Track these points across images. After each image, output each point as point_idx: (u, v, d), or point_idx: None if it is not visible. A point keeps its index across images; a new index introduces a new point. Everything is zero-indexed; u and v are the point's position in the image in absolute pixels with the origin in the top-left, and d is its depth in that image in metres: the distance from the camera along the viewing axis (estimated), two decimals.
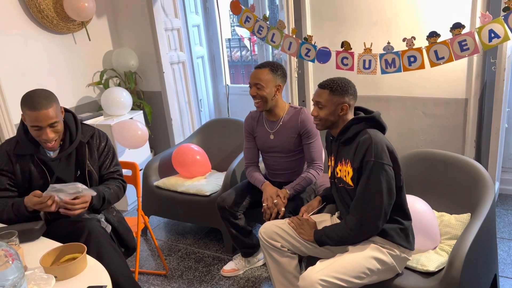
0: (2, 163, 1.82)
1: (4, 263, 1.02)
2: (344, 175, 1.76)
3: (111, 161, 2.02)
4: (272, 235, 1.95)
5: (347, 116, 1.79)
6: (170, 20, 3.73)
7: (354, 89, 1.80)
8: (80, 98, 3.55)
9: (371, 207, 1.66)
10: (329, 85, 1.78)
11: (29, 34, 3.10)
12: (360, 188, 1.68)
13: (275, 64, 2.29)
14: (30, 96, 1.71)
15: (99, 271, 1.40)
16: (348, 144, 1.76)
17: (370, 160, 1.64)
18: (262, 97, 2.25)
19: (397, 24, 2.66)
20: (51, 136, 1.75)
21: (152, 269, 2.65)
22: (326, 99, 1.77)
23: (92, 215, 1.89)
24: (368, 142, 1.66)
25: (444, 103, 2.66)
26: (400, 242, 1.71)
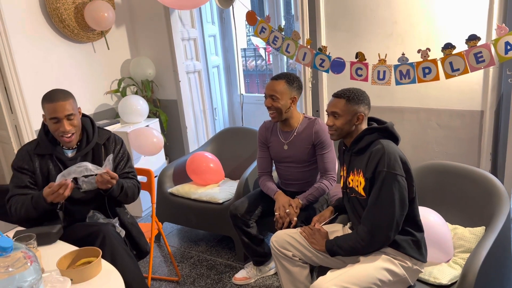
0: (24, 162, 1.90)
1: (23, 264, 1.05)
2: (356, 185, 1.76)
3: (126, 163, 2.08)
4: (284, 244, 1.96)
5: (361, 126, 1.80)
6: (187, 30, 3.79)
7: (368, 99, 1.82)
8: (98, 106, 3.62)
9: (383, 217, 1.65)
10: (345, 94, 1.79)
11: (50, 43, 3.20)
12: (372, 199, 1.68)
13: (291, 76, 2.30)
14: (49, 92, 1.86)
15: (113, 276, 1.43)
16: (361, 154, 1.76)
17: (382, 170, 1.64)
18: (276, 108, 2.27)
19: (412, 36, 2.66)
20: (68, 129, 1.84)
21: (165, 275, 2.67)
22: (342, 109, 1.78)
23: (107, 220, 1.93)
24: (381, 152, 1.66)
25: (459, 115, 2.64)
26: (412, 254, 1.70)
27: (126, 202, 2.05)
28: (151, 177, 2.36)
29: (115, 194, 1.92)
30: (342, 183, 1.91)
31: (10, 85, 2.93)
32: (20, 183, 1.87)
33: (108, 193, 1.88)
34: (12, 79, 2.93)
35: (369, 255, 1.74)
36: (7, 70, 2.90)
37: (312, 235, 1.92)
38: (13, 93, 2.95)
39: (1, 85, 2.97)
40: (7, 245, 1.03)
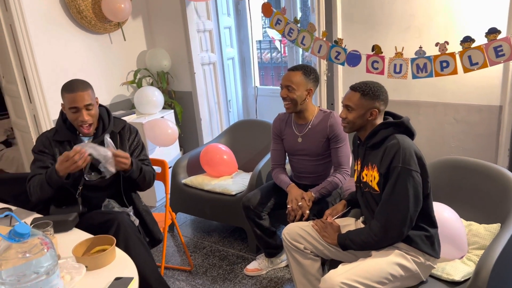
0: (45, 146, 1.97)
1: (39, 250, 1.08)
2: (370, 180, 1.75)
3: (140, 151, 2.12)
4: (295, 237, 1.96)
5: (376, 121, 1.77)
6: (202, 21, 3.80)
7: (386, 95, 1.78)
8: (115, 96, 3.67)
9: (396, 213, 1.64)
10: (361, 88, 1.76)
11: (68, 34, 3.24)
12: (386, 194, 1.67)
13: (308, 68, 2.29)
14: (69, 82, 1.91)
15: (127, 264, 1.46)
16: (376, 149, 1.75)
17: (397, 166, 1.62)
18: (292, 99, 2.26)
19: (430, 29, 2.61)
20: (87, 118, 1.89)
21: (178, 264, 2.71)
22: (356, 103, 1.76)
23: (122, 209, 1.97)
24: (396, 147, 1.64)
25: (477, 110, 2.60)
26: (425, 250, 1.69)
27: (143, 187, 2.08)
28: (165, 167, 2.39)
29: (134, 176, 1.95)
30: (356, 177, 1.90)
31: (29, 76, 2.99)
32: (42, 164, 1.93)
33: (128, 174, 1.92)
34: (31, 70, 2.99)
35: (381, 250, 1.73)
36: (26, 61, 2.95)
37: (324, 229, 1.92)
38: (32, 83, 3.01)
39: (21, 75, 3.03)
40: (24, 232, 1.06)
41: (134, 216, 1.97)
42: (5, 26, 2.94)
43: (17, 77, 3.04)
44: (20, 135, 3.44)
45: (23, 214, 1.89)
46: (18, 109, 3.27)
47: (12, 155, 4.14)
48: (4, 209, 1.92)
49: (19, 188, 2.15)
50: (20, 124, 3.32)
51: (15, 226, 1.07)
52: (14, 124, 3.48)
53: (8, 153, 4.21)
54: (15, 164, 4.08)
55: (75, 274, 1.35)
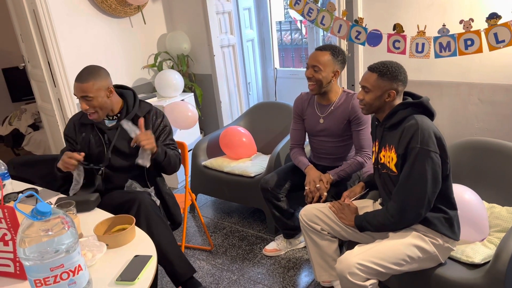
0: (69, 132, 2.08)
1: (60, 229, 1.12)
2: (388, 161, 1.73)
3: (167, 136, 2.13)
4: (313, 218, 1.97)
5: (394, 102, 1.73)
6: (221, 3, 3.77)
7: (405, 75, 1.74)
8: (136, 80, 3.71)
9: (414, 194, 1.62)
10: (378, 68, 1.72)
11: (90, 19, 3.28)
12: (404, 175, 1.64)
13: (337, 48, 2.24)
14: (82, 70, 1.94)
15: (146, 242, 1.50)
16: (393, 130, 1.72)
17: (415, 146, 1.60)
18: (317, 80, 2.22)
19: (454, 6, 2.52)
20: (84, 108, 1.94)
21: (198, 244, 2.77)
22: (373, 84, 1.72)
23: (143, 189, 2.02)
24: (414, 128, 1.61)
25: (504, 90, 2.51)
26: (443, 232, 1.67)
27: (168, 171, 2.11)
28: (184, 150, 2.42)
29: (160, 159, 1.99)
30: (373, 158, 1.88)
31: (53, 60, 3.05)
32: (64, 150, 2.06)
33: (154, 157, 1.95)
34: (54, 54, 3.05)
35: (398, 232, 1.72)
36: (49, 45, 3.01)
37: (342, 210, 1.92)
38: (56, 67, 3.08)
39: (45, 60, 3.10)
40: (46, 210, 1.10)
41: (155, 197, 2.01)
42: (28, 12, 3.00)
43: (41, 62, 3.11)
44: (46, 119, 3.54)
45: (48, 195, 1.96)
46: (43, 93, 3.36)
47: (39, 138, 4.28)
48: (30, 189, 2.00)
49: (45, 169, 2.24)
50: (45, 108, 3.41)
51: (37, 205, 1.11)
52: (40, 108, 3.58)
53: (35, 136, 4.35)
54: (42, 147, 4.22)
55: (96, 252, 1.40)
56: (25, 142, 4.41)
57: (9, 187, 2.01)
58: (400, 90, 1.73)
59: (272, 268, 2.44)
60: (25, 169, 2.49)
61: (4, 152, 4.76)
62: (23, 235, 1.09)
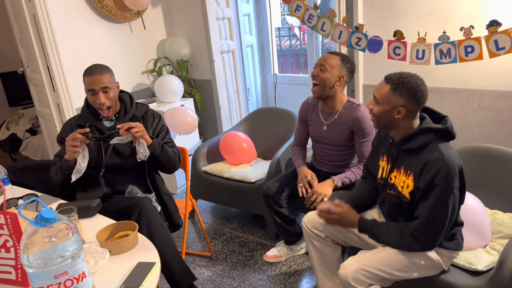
0: (65, 134, 2.01)
1: (65, 235, 1.11)
2: (401, 186, 1.64)
3: (165, 135, 2.16)
4: (317, 225, 1.95)
5: (405, 120, 1.60)
6: (221, 9, 3.78)
7: (423, 95, 1.57)
8: (135, 85, 3.71)
9: (436, 232, 1.56)
10: (394, 80, 1.57)
11: (89, 23, 3.28)
12: (426, 212, 1.55)
13: (347, 57, 2.28)
14: (89, 67, 2.00)
15: (149, 249, 1.49)
16: (413, 155, 1.60)
17: (440, 183, 1.50)
18: (321, 79, 2.23)
19: (454, 13, 2.54)
20: (103, 101, 1.94)
21: (198, 250, 2.75)
22: (383, 96, 1.59)
23: (144, 195, 2.01)
24: (439, 163, 1.50)
25: (503, 96, 2.52)
26: (447, 247, 1.66)
27: (168, 168, 2.11)
28: (185, 155, 2.41)
29: (157, 152, 1.98)
30: (380, 173, 1.78)
31: (52, 65, 3.04)
32: (61, 153, 2.01)
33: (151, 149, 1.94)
34: (54, 59, 3.04)
35: None
36: (49, 50, 3.00)
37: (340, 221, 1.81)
38: (55, 72, 3.06)
39: (44, 65, 3.09)
40: (50, 216, 1.09)
41: (156, 202, 2.00)
42: (28, 16, 2.99)
43: (40, 66, 3.10)
44: (45, 124, 3.52)
45: (48, 200, 1.94)
46: (42, 98, 3.34)
47: (37, 143, 4.25)
48: (31, 195, 1.98)
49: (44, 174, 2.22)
50: (44, 112, 3.39)
51: (41, 211, 1.10)
52: (39, 112, 3.57)
53: (33, 141, 4.32)
54: (40, 152, 4.19)
55: (99, 259, 1.39)
56: (23, 147, 4.38)
57: (9, 192, 1.99)
58: (413, 109, 1.58)
59: (273, 275, 2.43)
60: (24, 174, 2.47)
61: (1, 157, 4.73)
62: (27, 242, 1.08)
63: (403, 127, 1.62)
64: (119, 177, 2.02)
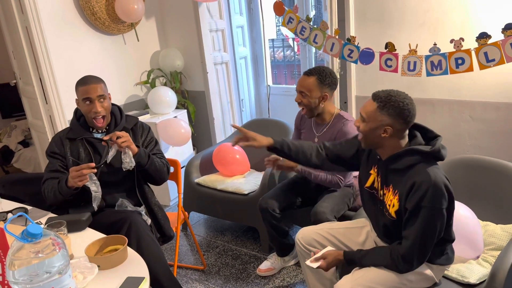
0: (55, 148, 2.02)
1: (51, 251, 1.09)
2: (388, 204, 1.62)
3: (154, 146, 2.17)
4: (311, 242, 1.91)
5: (393, 139, 1.56)
6: (214, 21, 3.80)
7: (411, 114, 1.53)
8: (129, 96, 3.70)
9: (425, 252, 1.56)
10: (381, 99, 1.53)
11: (83, 35, 3.28)
12: (415, 234, 1.52)
13: (324, 72, 2.22)
14: (83, 77, 2.01)
15: (138, 263, 1.47)
16: (399, 175, 1.57)
17: (428, 206, 1.48)
18: (306, 105, 2.25)
19: (445, 25, 2.56)
20: (100, 110, 1.95)
21: (191, 263, 2.72)
22: (369, 114, 1.55)
23: (134, 208, 1.99)
24: (427, 185, 1.47)
25: (494, 107, 2.54)
26: (438, 262, 1.65)
27: (156, 178, 2.10)
28: (177, 167, 2.40)
29: (143, 162, 1.98)
30: (370, 183, 1.74)
31: (44, 77, 3.03)
32: (52, 167, 1.99)
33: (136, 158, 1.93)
34: (46, 71, 3.03)
35: None
36: (42, 62, 3.00)
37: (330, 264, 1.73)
38: (48, 84, 3.05)
39: (37, 77, 3.08)
40: (36, 232, 1.08)
41: (146, 216, 1.99)
42: (21, 28, 2.99)
43: (33, 78, 3.09)
44: (37, 136, 3.50)
45: (38, 214, 1.92)
46: (34, 110, 3.33)
47: (29, 155, 4.22)
48: (20, 209, 1.95)
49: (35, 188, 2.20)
50: (36, 124, 3.38)
51: (28, 226, 1.08)
52: (31, 124, 3.55)
53: (25, 153, 4.29)
54: (32, 164, 4.16)
55: (88, 274, 1.37)
56: (15, 159, 4.35)
57: None
58: (400, 129, 1.54)
59: None
60: (14, 188, 2.45)
61: None
62: (12, 258, 1.06)
63: (390, 146, 1.58)
64: (109, 190, 2.00)
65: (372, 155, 1.78)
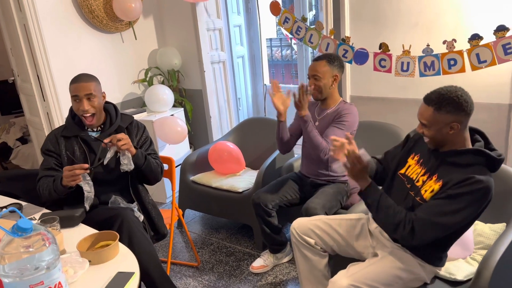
0: (50, 145, 2.03)
1: (41, 246, 1.12)
2: (425, 190, 1.61)
3: (148, 146, 2.18)
4: (307, 232, 1.94)
5: (460, 133, 1.55)
6: (212, 20, 3.82)
7: (468, 103, 1.51)
8: (126, 94, 3.72)
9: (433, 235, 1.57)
10: (434, 101, 1.52)
11: (80, 34, 3.31)
12: (440, 212, 1.53)
13: (331, 55, 2.35)
14: (76, 75, 2.03)
15: (129, 259, 1.49)
16: (454, 167, 1.56)
17: (470, 199, 1.49)
18: (318, 87, 2.32)
19: (438, 26, 2.58)
20: (87, 108, 1.96)
21: (185, 260, 2.75)
22: (429, 119, 1.54)
23: (127, 205, 2.01)
24: (483, 184, 1.48)
25: (486, 108, 2.56)
26: (433, 264, 1.68)
27: (150, 179, 2.13)
28: (172, 165, 2.42)
29: (140, 162, 2.00)
30: (404, 170, 1.74)
31: (42, 74, 3.06)
32: (47, 165, 2.00)
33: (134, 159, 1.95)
34: (44, 69, 3.06)
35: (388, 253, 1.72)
36: (39, 60, 3.02)
37: (359, 174, 1.70)
38: (45, 82, 3.08)
39: (34, 74, 3.11)
40: (26, 226, 1.10)
41: (138, 212, 2.01)
42: (19, 26, 3.02)
43: (31, 75, 3.12)
44: (34, 132, 3.53)
45: (32, 210, 1.95)
46: (32, 107, 3.35)
47: (27, 151, 4.25)
48: (14, 204, 1.98)
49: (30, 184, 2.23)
50: (34, 121, 3.40)
51: (18, 221, 1.11)
52: (29, 121, 3.57)
53: (23, 150, 4.32)
54: (30, 161, 4.19)
55: (79, 268, 1.39)
56: (13, 155, 4.37)
57: None
58: (464, 121, 1.53)
59: (259, 285, 2.43)
60: (11, 184, 2.47)
61: None
62: (2, 252, 1.09)
63: (457, 141, 1.57)
64: (103, 188, 2.02)
65: (420, 143, 1.75)
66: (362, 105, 2.99)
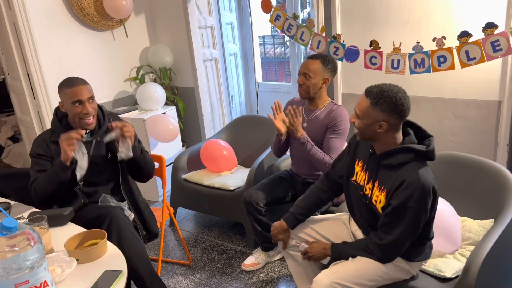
0: (42, 149, 1.97)
1: (26, 245, 1.11)
2: (375, 200, 1.64)
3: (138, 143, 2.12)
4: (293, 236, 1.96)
5: (389, 134, 1.57)
6: (204, 18, 3.81)
7: (404, 108, 1.52)
8: (118, 92, 3.71)
9: (401, 248, 1.61)
10: (373, 94, 1.53)
11: (71, 31, 3.29)
12: (399, 232, 1.57)
13: (327, 57, 2.33)
14: (67, 79, 1.96)
15: (117, 257, 1.49)
16: (390, 171, 1.58)
17: (413, 206, 1.51)
18: (307, 86, 2.30)
19: (428, 24, 2.59)
20: (90, 110, 1.92)
21: (177, 259, 2.74)
22: (363, 111, 1.56)
23: (117, 203, 2.01)
24: (415, 185, 1.49)
25: (476, 105, 2.57)
26: (415, 259, 1.69)
27: (144, 173, 2.11)
28: (162, 163, 2.42)
29: (137, 153, 1.99)
30: (354, 177, 1.77)
31: (32, 72, 3.04)
32: (41, 168, 1.93)
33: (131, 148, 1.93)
34: (34, 67, 3.04)
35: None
36: (29, 58, 3.00)
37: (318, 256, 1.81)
38: (35, 80, 3.06)
39: (24, 72, 3.09)
40: (11, 226, 1.10)
41: (128, 211, 2.00)
42: (8, 24, 3.00)
43: (21, 74, 3.10)
44: (25, 131, 3.51)
45: (21, 208, 1.94)
46: (22, 106, 3.33)
47: (19, 150, 4.23)
48: (3, 204, 1.97)
49: (20, 183, 2.21)
50: (24, 120, 3.38)
51: (3, 220, 1.10)
52: (20, 120, 3.55)
53: (15, 149, 4.30)
54: (21, 160, 4.16)
55: (66, 267, 1.38)
56: (4, 154, 4.35)
57: None
58: (395, 123, 1.55)
59: (250, 283, 2.44)
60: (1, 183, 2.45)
61: None
62: None
63: (385, 141, 1.59)
64: (95, 189, 2.01)
65: (359, 148, 1.78)
66: (353, 102, 3.00)
